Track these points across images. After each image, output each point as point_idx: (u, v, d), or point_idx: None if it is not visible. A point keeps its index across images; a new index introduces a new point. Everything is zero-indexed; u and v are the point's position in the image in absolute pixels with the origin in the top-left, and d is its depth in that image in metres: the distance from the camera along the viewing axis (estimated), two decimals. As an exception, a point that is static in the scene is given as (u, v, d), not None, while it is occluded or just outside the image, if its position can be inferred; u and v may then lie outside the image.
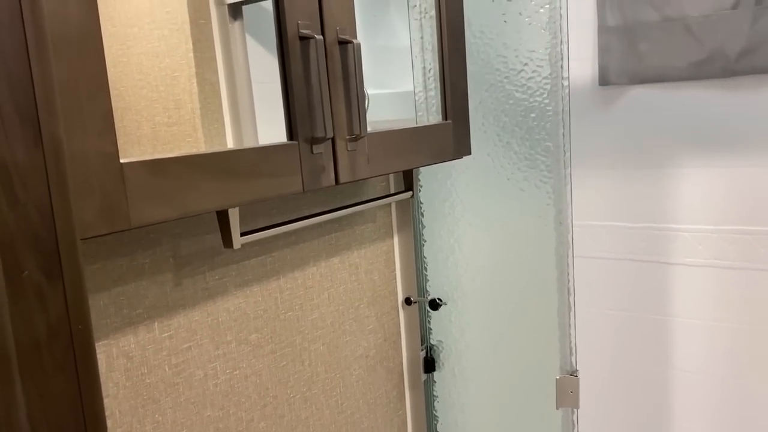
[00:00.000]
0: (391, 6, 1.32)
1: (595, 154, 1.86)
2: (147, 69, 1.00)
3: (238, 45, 1.28)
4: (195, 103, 1.21)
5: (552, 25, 1.16)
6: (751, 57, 1.57)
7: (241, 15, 1.29)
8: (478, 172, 1.31)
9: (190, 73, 1.20)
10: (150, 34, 1.07)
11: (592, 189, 1.88)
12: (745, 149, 1.65)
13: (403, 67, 1.31)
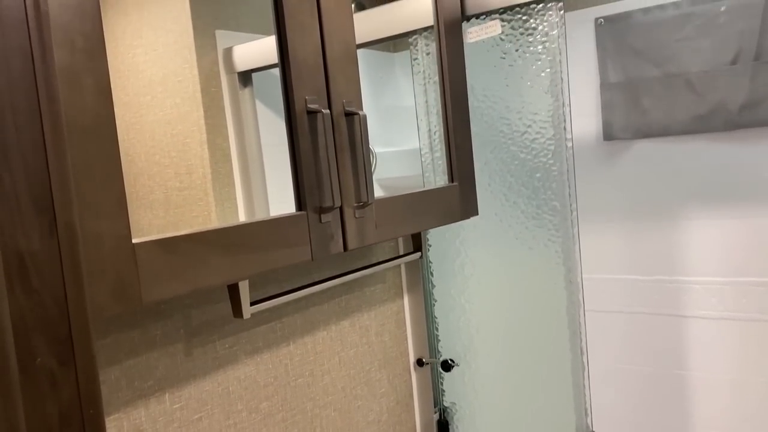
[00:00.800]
0: (396, 67, 1.36)
1: (603, 207, 1.86)
2: (159, 136, 1.03)
3: (248, 110, 1.32)
4: (206, 168, 1.24)
5: (554, 88, 1.18)
6: (754, 110, 1.59)
7: (251, 81, 1.33)
8: (487, 231, 1.32)
9: (202, 139, 1.23)
10: (162, 103, 1.10)
11: (602, 241, 1.88)
12: (753, 200, 1.65)
13: (409, 125, 1.33)
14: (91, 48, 0.61)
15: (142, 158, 0.92)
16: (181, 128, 1.28)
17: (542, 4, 1.17)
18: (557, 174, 1.21)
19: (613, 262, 1.87)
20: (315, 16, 0.87)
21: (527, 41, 1.21)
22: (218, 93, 1.28)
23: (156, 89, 1.06)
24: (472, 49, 1.29)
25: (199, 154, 1.24)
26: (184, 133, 1.28)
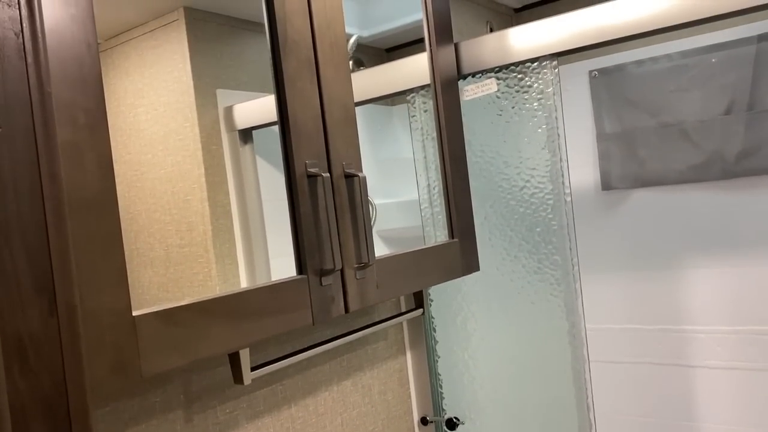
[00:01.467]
0: (395, 119, 1.38)
1: (605, 256, 1.86)
2: (160, 193, 1.03)
3: (248, 167, 1.33)
4: (207, 225, 1.24)
5: (551, 144, 1.20)
6: (750, 159, 1.61)
7: (251, 138, 1.34)
8: (489, 286, 1.31)
9: (202, 197, 1.24)
10: (163, 161, 1.10)
11: (605, 291, 1.87)
12: (756, 249, 1.65)
13: (408, 176, 1.34)
14: (93, 123, 0.61)
15: (142, 216, 0.92)
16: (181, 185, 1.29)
17: (537, 63, 1.19)
18: (557, 228, 1.21)
19: (616, 312, 1.86)
20: (314, 82, 0.88)
21: (523, 98, 1.23)
22: (219, 150, 1.30)
23: (157, 147, 1.07)
24: (468, 105, 1.31)
25: (199, 211, 1.25)
26: (184, 191, 1.29)
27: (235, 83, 1.34)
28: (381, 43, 1.39)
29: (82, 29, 0.60)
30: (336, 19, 0.93)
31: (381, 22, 1.37)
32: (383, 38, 1.38)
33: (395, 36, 1.37)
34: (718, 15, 1.01)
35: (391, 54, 1.39)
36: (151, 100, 1.09)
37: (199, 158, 1.25)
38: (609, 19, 1.09)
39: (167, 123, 1.29)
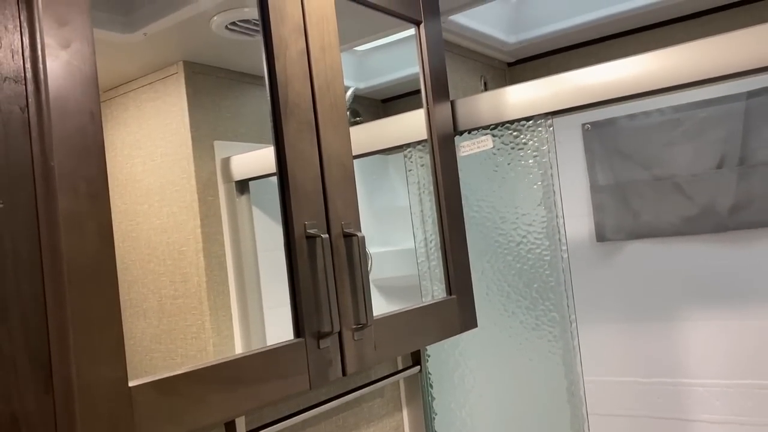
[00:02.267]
0: (390, 168, 1.38)
1: (601, 308, 1.85)
2: (155, 243, 1.02)
3: (244, 218, 1.32)
4: (201, 276, 1.23)
5: (547, 200, 1.20)
6: (742, 213, 1.62)
7: (248, 189, 1.34)
8: (486, 342, 1.30)
9: (198, 248, 1.23)
10: (159, 211, 1.10)
11: (601, 342, 1.86)
12: (749, 302, 1.65)
13: (403, 225, 1.34)
14: (94, 192, 0.61)
15: (137, 266, 0.91)
16: (177, 236, 1.28)
17: (532, 121, 1.21)
18: (554, 285, 1.21)
19: (613, 364, 1.84)
20: (314, 143, 0.89)
21: (519, 155, 1.24)
22: (215, 201, 1.29)
23: (153, 198, 1.07)
24: (465, 161, 1.32)
25: (194, 262, 1.24)
26: (180, 242, 1.28)
27: (233, 135, 1.35)
28: (377, 95, 1.40)
29: (86, 99, 0.61)
30: (336, 80, 0.94)
31: (377, 75, 1.39)
32: (379, 90, 1.40)
33: (391, 88, 1.39)
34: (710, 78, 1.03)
35: (387, 104, 1.41)
36: (148, 151, 1.09)
37: (195, 209, 1.25)
38: (603, 80, 1.11)
39: (164, 174, 1.29)
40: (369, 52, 1.37)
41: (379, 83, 1.40)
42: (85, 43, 0.61)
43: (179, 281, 1.26)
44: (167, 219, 1.27)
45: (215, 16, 1.16)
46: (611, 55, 1.84)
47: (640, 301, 1.80)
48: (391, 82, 1.39)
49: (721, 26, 1.68)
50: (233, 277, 1.28)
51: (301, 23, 0.89)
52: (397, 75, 1.38)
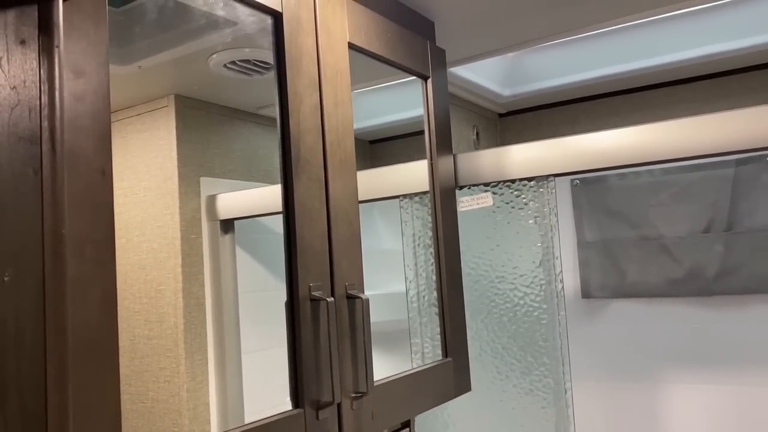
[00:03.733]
0: (375, 211, 1.35)
1: (582, 365, 1.83)
2: (132, 280, 0.97)
3: (227, 258, 1.27)
4: (179, 318, 1.17)
5: (546, 262, 1.18)
6: (728, 279, 1.63)
7: (232, 229, 1.29)
8: (476, 405, 1.26)
9: (177, 288, 1.17)
10: (138, 247, 1.05)
11: (583, 400, 1.83)
12: (732, 368, 1.65)
13: (392, 268, 1.31)
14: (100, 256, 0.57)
15: (110, 303, 0.85)
16: (156, 274, 1.22)
17: (534, 181, 1.19)
18: (551, 350, 1.18)
19: (596, 424, 1.81)
20: (323, 201, 0.85)
21: (519, 214, 1.22)
22: (198, 240, 1.24)
23: (133, 232, 1.02)
24: (463, 216, 1.30)
25: (172, 302, 1.18)
26: (158, 280, 1.22)
27: (221, 171, 1.30)
28: (365, 136, 1.38)
29: (99, 156, 0.56)
30: (347, 136, 0.91)
31: (366, 117, 1.37)
32: (368, 131, 1.37)
33: (380, 130, 1.36)
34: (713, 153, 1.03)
35: (375, 146, 1.39)
36: (131, 183, 1.05)
37: (176, 247, 1.19)
38: (609, 146, 1.11)
39: (146, 208, 1.23)
40: (359, 94, 1.35)
41: (369, 125, 1.37)
42: (101, 95, 0.57)
43: (155, 321, 1.20)
44: (146, 255, 1.21)
45: (214, 54, 1.12)
46: (599, 113, 1.86)
47: (622, 360, 1.78)
48: (381, 125, 1.37)
49: (704, 93, 1.71)
50: (211, 320, 1.22)
51: (317, 78, 0.86)
52: (386, 118, 1.36)
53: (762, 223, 1.59)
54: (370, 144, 1.42)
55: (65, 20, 0.51)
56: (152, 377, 1.20)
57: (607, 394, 1.80)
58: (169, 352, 1.19)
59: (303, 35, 0.84)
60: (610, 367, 1.80)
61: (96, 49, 0.56)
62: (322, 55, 0.88)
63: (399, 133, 1.31)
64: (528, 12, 1.20)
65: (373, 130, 1.38)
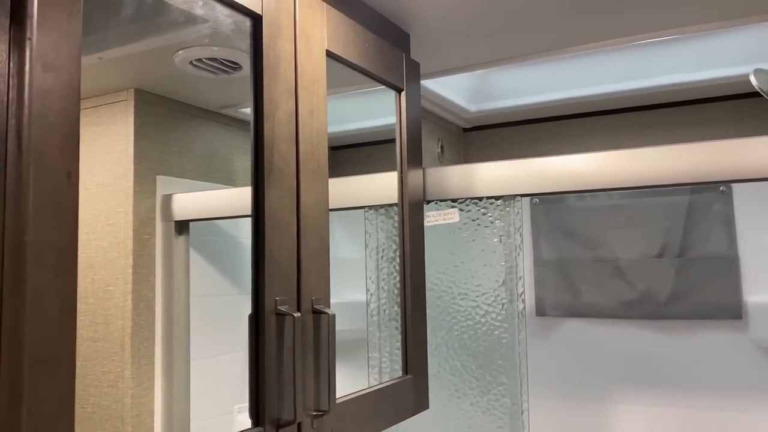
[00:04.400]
0: (334, 220, 1.33)
1: (534, 382, 1.85)
2: (78, 279, 0.91)
3: (180, 261, 1.23)
4: (127, 321, 1.12)
5: (509, 281, 1.18)
6: (678, 303, 1.67)
7: (187, 230, 1.25)
8: (432, 423, 1.25)
9: (126, 289, 1.12)
10: (87, 244, 1.00)
11: (536, 418, 1.85)
12: (678, 391, 1.69)
13: (351, 276, 1.29)
14: (61, 264, 0.53)
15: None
16: (104, 274, 1.17)
17: (501, 200, 1.19)
18: (509, 369, 1.18)
19: (541, 441, 1.83)
20: (294, 212, 0.83)
21: (484, 232, 1.22)
22: (151, 240, 1.19)
23: (82, 229, 0.97)
24: (429, 231, 1.29)
25: (120, 304, 1.13)
26: (106, 280, 1.17)
27: (178, 170, 1.26)
28: (328, 142, 1.36)
29: (65, 157, 0.53)
30: (320, 145, 0.89)
31: (330, 124, 1.35)
32: (330, 138, 1.35)
33: (343, 137, 1.34)
34: (681, 183, 1.06)
35: (336, 152, 1.37)
36: (83, 178, 1.00)
37: (128, 247, 1.14)
38: (579, 170, 1.11)
39: (98, 205, 1.18)
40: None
41: (332, 132, 1.35)
42: (70, 92, 0.53)
43: (101, 323, 1.14)
44: (95, 254, 1.16)
45: (181, 50, 1.08)
46: (562, 134, 1.88)
47: (573, 379, 1.81)
48: (344, 132, 1.35)
49: (665, 120, 1.75)
50: (161, 324, 1.17)
51: (293, 84, 0.83)
52: (350, 125, 1.34)
53: (712, 250, 1.64)
54: (332, 150, 1.40)
55: (38, 10, 0.48)
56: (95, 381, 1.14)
57: (557, 412, 1.82)
58: (114, 355, 1.14)
59: (282, 40, 0.82)
60: (561, 384, 1.82)
61: (68, 42, 0.53)
62: (300, 62, 0.85)
63: (362, 140, 1.29)
64: (502, 32, 1.21)
65: (336, 136, 1.36)
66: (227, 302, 1.25)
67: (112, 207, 1.16)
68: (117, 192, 1.15)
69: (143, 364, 1.13)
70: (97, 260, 1.16)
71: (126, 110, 1.16)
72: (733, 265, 1.60)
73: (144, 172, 1.16)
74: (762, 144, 0.99)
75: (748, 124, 1.64)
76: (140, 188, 1.15)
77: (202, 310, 1.20)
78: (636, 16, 1.15)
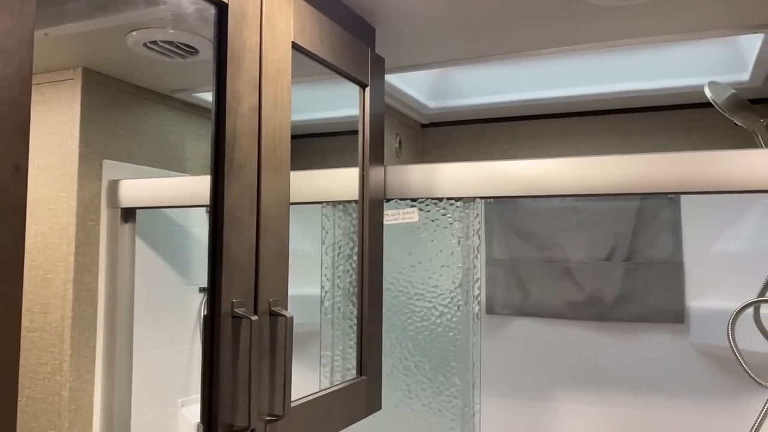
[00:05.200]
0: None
1: (483, 379, 1.87)
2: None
3: (125, 249, 1.18)
4: (67, 311, 1.07)
5: (466, 283, 1.18)
6: (624, 306, 1.71)
7: (134, 218, 1.20)
8: (383, 424, 1.24)
9: (67, 278, 1.07)
10: (27, 230, 0.95)
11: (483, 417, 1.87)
12: (620, 391, 1.73)
13: (303, 269, 1.27)
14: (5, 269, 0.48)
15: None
16: (43, 261, 1.11)
17: (461, 202, 1.19)
18: (463, 371, 1.18)
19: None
20: (254, 210, 0.80)
21: (443, 233, 1.21)
22: (95, 227, 1.14)
23: None
24: (387, 230, 1.27)
25: (60, 293, 1.08)
26: (46, 267, 1.11)
27: (126, 155, 1.21)
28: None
29: (13, 150, 0.48)
30: (283, 142, 0.86)
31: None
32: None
33: (300, 126, 1.32)
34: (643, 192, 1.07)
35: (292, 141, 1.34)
36: None
37: (70, 233, 1.09)
38: (539, 174, 1.12)
39: (38, 188, 1.12)
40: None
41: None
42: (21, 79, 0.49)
43: (38, 312, 1.09)
44: (33, 239, 1.10)
45: (135, 31, 1.03)
46: (518, 135, 1.89)
47: (520, 376, 1.83)
48: (300, 122, 1.32)
49: (617, 126, 1.79)
50: (103, 314, 1.13)
51: (257, 77, 0.80)
52: (306, 116, 1.31)
53: (658, 256, 1.68)
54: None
55: (-13, -11, 0.43)
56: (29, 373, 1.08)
57: (504, 409, 1.84)
58: (52, 346, 1.09)
59: (247, 30, 0.78)
60: (507, 382, 1.84)
61: (20, 25, 0.48)
62: (265, 53, 0.82)
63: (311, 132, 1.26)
64: (466, 31, 1.19)
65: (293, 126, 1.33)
66: (173, 294, 1.21)
67: (54, 191, 1.10)
68: (60, 175, 1.09)
69: (83, 356, 1.08)
70: (36, 246, 1.10)
71: (73, 90, 1.10)
72: (677, 271, 1.65)
73: (90, 155, 1.10)
74: (709, 158, 1.02)
75: (699, 133, 1.69)
76: (85, 172, 1.09)
77: (146, 301, 1.16)
78: (596, 24, 1.15)
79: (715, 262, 1.63)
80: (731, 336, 1.37)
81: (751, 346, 1.45)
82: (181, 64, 1.13)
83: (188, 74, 1.21)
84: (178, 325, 1.23)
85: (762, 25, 1.16)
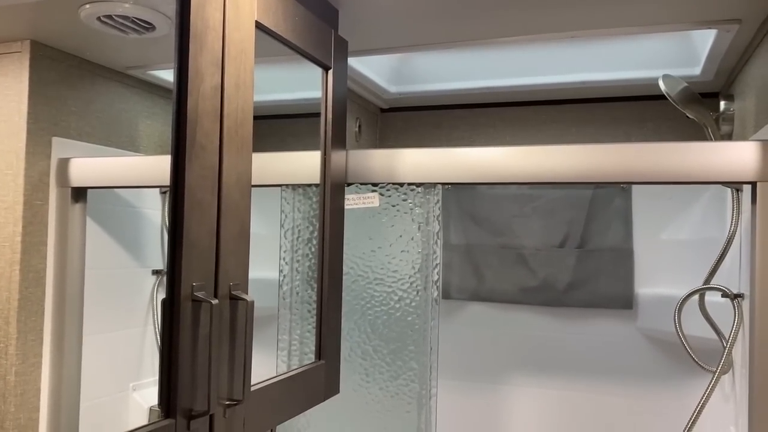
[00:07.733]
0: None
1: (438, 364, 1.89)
2: None
3: (75, 230, 1.15)
4: (13, 292, 1.04)
5: (425, 268, 1.19)
6: (576, 292, 1.75)
7: (84, 198, 1.17)
8: (339, 407, 1.24)
9: (14, 258, 1.04)
10: None
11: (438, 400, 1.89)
12: (571, 375, 1.78)
13: (259, 253, 1.26)
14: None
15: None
16: (-13, 241, 1.08)
17: (422, 188, 1.19)
18: (420, 355, 1.19)
19: (443, 425, 1.88)
20: (215, 192, 0.78)
21: (404, 218, 1.21)
22: (44, 207, 1.11)
23: None
24: (348, 214, 1.27)
25: (6, 274, 1.05)
26: (-9, 248, 1.08)
27: (77, 133, 1.17)
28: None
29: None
30: (245, 123, 0.84)
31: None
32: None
33: (261, 108, 1.30)
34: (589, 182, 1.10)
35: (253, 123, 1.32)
36: None
37: (17, 212, 1.06)
38: (500, 162, 1.13)
39: (-18, 165, 1.08)
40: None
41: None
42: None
43: (-19, 294, 1.06)
44: (-23, 218, 1.06)
45: (88, 4, 1.00)
46: (476, 122, 1.91)
47: (472, 361, 1.86)
48: (264, 102, 1.30)
49: (573, 116, 1.82)
50: (52, 296, 1.10)
51: (220, 56, 0.78)
52: (262, 97, 1.29)
53: (609, 244, 1.73)
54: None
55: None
56: (-32, 360, 1.05)
57: (458, 392, 1.87)
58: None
59: (210, 8, 0.76)
60: (462, 366, 1.87)
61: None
62: (228, 32, 0.80)
63: (278, 113, 1.24)
64: (429, 17, 1.19)
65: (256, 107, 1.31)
66: (125, 275, 1.18)
67: (0, 168, 1.06)
68: (6, 152, 1.05)
69: (30, 339, 1.05)
70: (-21, 225, 1.05)
71: (20, 63, 1.06)
72: (627, 258, 1.70)
73: (38, 132, 1.06)
74: (661, 149, 1.05)
75: (651, 124, 1.73)
76: (33, 150, 1.05)
77: (97, 283, 1.13)
78: (555, 15, 1.17)
79: (663, 250, 1.69)
80: (677, 322, 1.43)
81: (696, 331, 1.51)
82: (137, 40, 1.10)
83: (144, 51, 1.17)
84: (130, 308, 1.21)
85: (715, 21, 1.19)
